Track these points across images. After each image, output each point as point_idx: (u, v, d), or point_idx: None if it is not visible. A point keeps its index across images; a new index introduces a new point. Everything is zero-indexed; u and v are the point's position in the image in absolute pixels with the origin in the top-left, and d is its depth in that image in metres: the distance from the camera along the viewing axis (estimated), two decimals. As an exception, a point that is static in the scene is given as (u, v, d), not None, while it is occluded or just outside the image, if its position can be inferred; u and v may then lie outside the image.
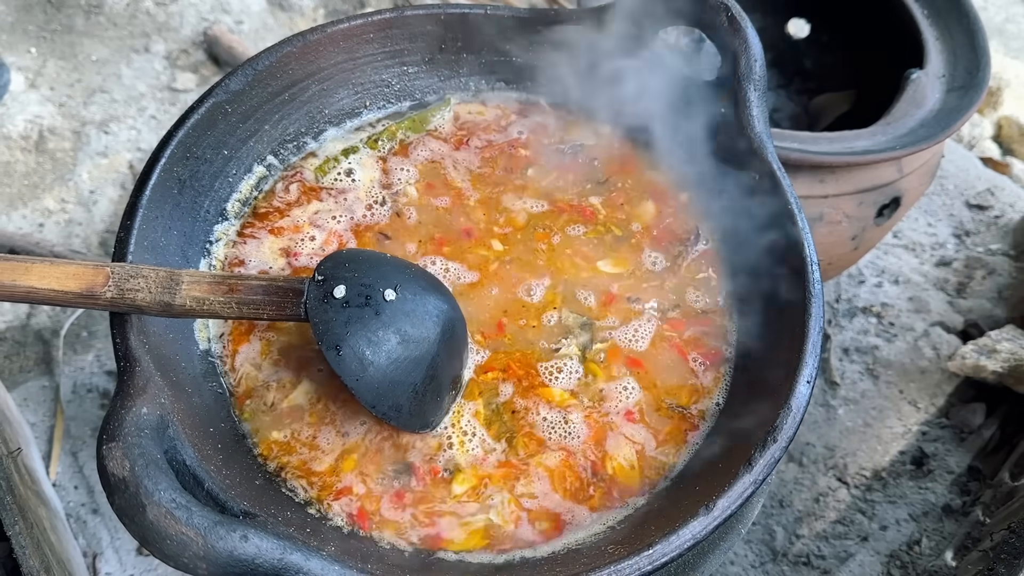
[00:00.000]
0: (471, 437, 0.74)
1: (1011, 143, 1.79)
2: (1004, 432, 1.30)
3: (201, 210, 0.82)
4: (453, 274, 0.83)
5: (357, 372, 0.68)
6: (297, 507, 0.70)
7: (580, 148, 0.93)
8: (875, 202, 1.19)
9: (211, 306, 0.68)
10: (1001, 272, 1.50)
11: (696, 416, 0.77)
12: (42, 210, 1.52)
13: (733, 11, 0.82)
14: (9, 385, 1.27)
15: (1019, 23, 2.30)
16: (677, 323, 0.82)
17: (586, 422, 0.76)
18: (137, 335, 0.67)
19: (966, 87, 1.21)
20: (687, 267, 0.85)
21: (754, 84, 0.82)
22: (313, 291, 0.69)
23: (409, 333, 0.70)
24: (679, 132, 0.89)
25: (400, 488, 0.72)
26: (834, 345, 1.42)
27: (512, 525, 0.70)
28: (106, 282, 0.66)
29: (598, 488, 0.73)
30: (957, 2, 1.29)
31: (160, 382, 0.64)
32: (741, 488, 0.65)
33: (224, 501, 0.62)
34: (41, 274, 0.66)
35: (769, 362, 0.75)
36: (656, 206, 0.90)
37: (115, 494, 0.55)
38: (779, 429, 0.67)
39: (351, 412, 0.75)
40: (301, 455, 0.73)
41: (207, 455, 0.65)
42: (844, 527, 1.23)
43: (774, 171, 0.80)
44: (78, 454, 1.22)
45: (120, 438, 0.57)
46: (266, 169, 0.88)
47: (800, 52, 1.62)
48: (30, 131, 1.63)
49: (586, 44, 0.91)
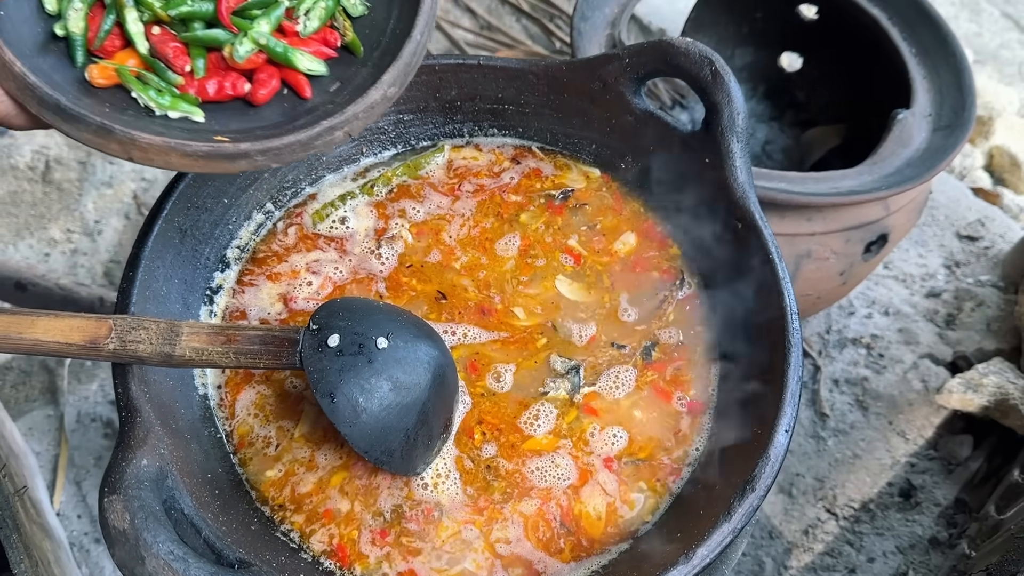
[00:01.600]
0: (445, 479, 0.77)
1: (1002, 173, 1.81)
2: (991, 464, 1.32)
3: (202, 257, 0.84)
4: (451, 333, 0.85)
5: (351, 419, 0.70)
6: (291, 552, 0.72)
7: (570, 193, 0.95)
8: (862, 239, 1.22)
9: (210, 356, 0.71)
10: (990, 304, 1.52)
11: (673, 464, 0.79)
12: (48, 240, 1.56)
13: (717, 65, 0.84)
14: (15, 414, 1.30)
15: (1013, 49, 2.32)
16: (659, 366, 0.84)
17: (575, 463, 0.78)
18: (138, 385, 0.70)
19: (952, 126, 1.23)
20: (671, 312, 0.88)
21: (737, 136, 0.84)
22: (308, 340, 0.72)
23: (401, 380, 0.73)
24: (664, 180, 0.92)
25: (384, 528, 0.75)
26: (824, 376, 1.45)
27: (486, 573, 0.73)
28: (109, 334, 0.69)
29: (568, 541, 0.75)
30: (945, 42, 1.32)
31: (160, 431, 0.67)
32: (720, 537, 0.67)
33: (220, 549, 0.64)
34: (46, 327, 0.69)
35: (749, 409, 0.78)
36: (642, 251, 0.92)
37: (115, 546, 0.58)
38: (757, 478, 0.69)
39: (342, 451, 0.78)
40: (296, 499, 0.76)
41: (204, 502, 0.68)
42: (832, 559, 1.25)
43: (756, 221, 0.82)
44: (82, 483, 1.25)
45: (121, 491, 0.60)
46: (264, 216, 0.90)
47: (792, 85, 1.65)
48: (37, 162, 1.66)
49: (577, 92, 0.93)
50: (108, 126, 0.60)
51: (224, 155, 0.62)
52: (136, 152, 0.61)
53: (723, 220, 0.85)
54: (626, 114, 0.92)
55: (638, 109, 0.91)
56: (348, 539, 0.74)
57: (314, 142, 0.65)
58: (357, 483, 0.77)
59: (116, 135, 0.60)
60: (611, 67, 0.90)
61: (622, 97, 0.91)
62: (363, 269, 0.88)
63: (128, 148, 0.60)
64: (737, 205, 0.83)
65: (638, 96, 0.91)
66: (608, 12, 1.33)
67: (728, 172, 0.84)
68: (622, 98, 0.91)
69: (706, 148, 0.86)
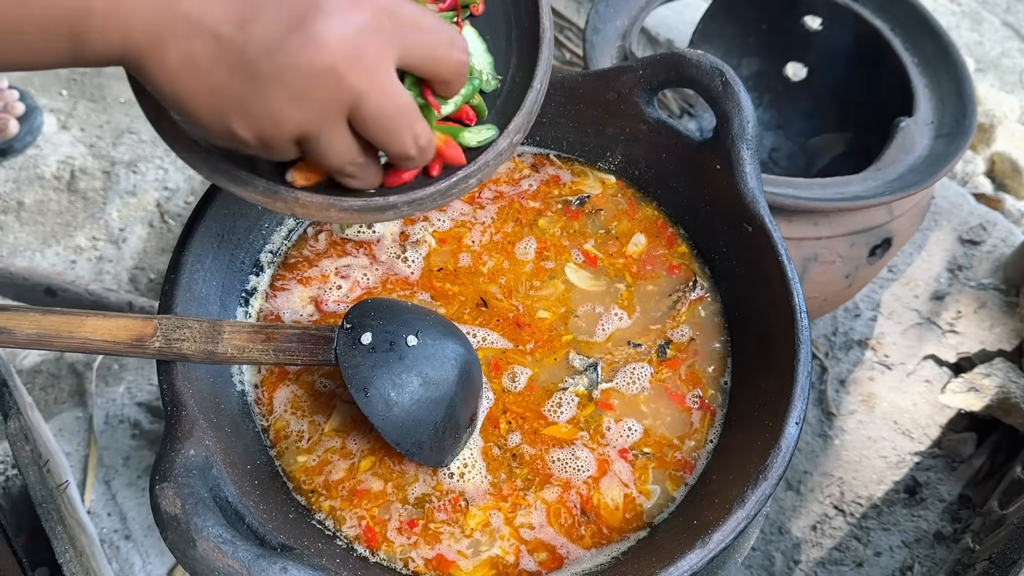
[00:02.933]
0: (471, 468, 0.81)
1: (1003, 179, 1.85)
2: (994, 461, 1.35)
3: (237, 261, 0.89)
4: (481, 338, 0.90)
5: (383, 412, 0.74)
6: (327, 539, 0.76)
7: (586, 199, 0.99)
8: (867, 243, 1.26)
9: (251, 353, 0.75)
10: (992, 306, 1.56)
11: (687, 456, 0.83)
12: (74, 247, 1.60)
13: (727, 75, 0.88)
14: (45, 416, 1.34)
15: (1014, 58, 2.36)
16: (674, 363, 0.88)
17: (593, 455, 0.82)
18: (183, 381, 0.73)
19: (953, 133, 1.27)
20: (684, 311, 0.92)
21: (747, 143, 0.88)
22: (342, 338, 0.76)
23: (430, 375, 0.77)
24: (677, 185, 0.96)
25: (413, 518, 0.78)
26: (831, 377, 1.48)
27: (512, 556, 0.77)
28: (154, 333, 0.73)
29: (588, 528, 0.79)
30: (946, 51, 1.36)
31: (204, 425, 0.71)
32: (734, 523, 0.71)
33: (263, 535, 0.68)
34: (95, 326, 0.73)
35: (761, 403, 0.81)
36: (655, 253, 0.96)
37: (168, 530, 0.62)
38: (770, 468, 0.73)
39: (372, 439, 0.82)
40: (329, 486, 0.80)
41: (246, 491, 0.71)
42: (840, 553, 1.29)
43: (766, 224, 0.86)
44: (111, 482, 1.29)
45: (171, 479, 0.64)
46: (295, 221, 0.95)
47: (798, 94, 1.69)
48: (62, 171, 1.71)
49: (592, 103, 0.98)
50: (274, 188, 0.65)
51: (375, 208, 0.67)
52: (299, 209, 0.66)
53: (734, 223, 0.89)
54: (640, 123, 0.96)
55: (651, 118, 0.96)
56: (377, 522, 0.78)
57: (451, 191, 0.69)
58: (389, 463, 0.81)
59: (282, 196, 0.65)
60: (625, 78, 0.94)
61: (636, 107, 0.95)
62: (392, 273, 0.92)
63: (292, 206, 0.65)
64: (747, 209, 0.87)
65: (651, 106, 0.95)
66: (619, 24, 1.38)
67: (739, 178, 0.88)
68: (636, 108, 0.95)
69: (717, 155, 0.89)
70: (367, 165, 0.63)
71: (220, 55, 0.52)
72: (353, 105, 0.55)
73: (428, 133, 0.61)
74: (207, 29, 0.52)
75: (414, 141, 0.60)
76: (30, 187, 1.69)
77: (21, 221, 1.64)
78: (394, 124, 0.57)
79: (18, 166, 1.72)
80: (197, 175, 1.70)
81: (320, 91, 0.54)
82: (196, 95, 0.54)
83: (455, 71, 0.61)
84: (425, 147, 0.61)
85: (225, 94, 0.54)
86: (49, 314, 0.71)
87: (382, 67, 0.55)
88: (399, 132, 0.58)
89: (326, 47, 0.52)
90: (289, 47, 0.52)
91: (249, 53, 0.52)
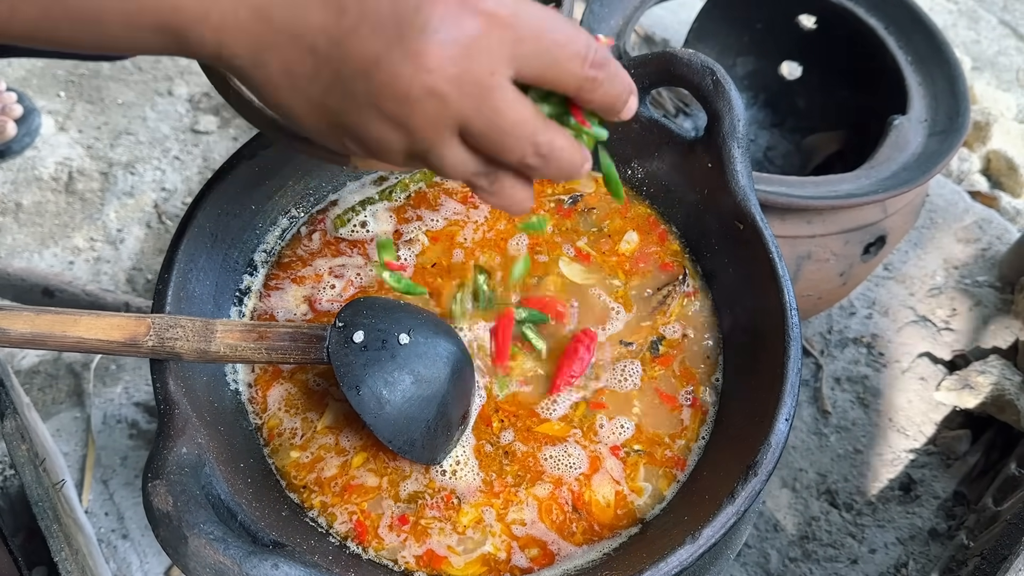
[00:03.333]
0: (463, 466, 0.81)
1: (999, 177, 1.85)
2: (988, 458, 1.36)
3: (231, 261, 0.89)
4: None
5: (375, 410, 0.75)
6: (319, 536, 0.77)
7: (579, 198, 1.00)
8: (861, 241, 1.26)
9: (243, 352, 0.76)
10: (987, 304, 1.56)
11: (678, 454, 0.84)
12: (72, 248, 1.61)
13: (718, 75, 0.89)
14: (43, 416, 1.34)
15: (1011, 56, 2.36)
16: (665, 360, 0.89)
17: (585, 453, 0.83)
18: (175, 380, 0.74)
19: (947, 131, 1.28)
20: (675, 308, 0.92)
21: (737, 141, 0.89)
22: (335, 337, 0.76)
23: (422, 373, 0.77)
24: (669, 183, 0.97)
25: (404, 514, 0.79)
26: (826, 375, 1.49)
27: (504, 553, 0.77)
28: (147, 332, 0.73)
29: (579, 525, 0.79)
30: (939, 50, 1.37)
31: (197, 423, 0.71)
32: (724, 518, 0.71)
33: (255, 532, 0.69)
34: (88, 326, 0.73)
35: (752, 401, 0.82)
36: (646, 250, 0.96)
37: (159, 527, 0.62)
38: (759, 463, 0.73)
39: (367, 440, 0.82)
40: (321, 482, 0.80)
41: (239, 489, 0.72)
42: (835, 550, 1.29)
43: (756, 221, 0.87)
44: (108, 482, 1.29)
45: (163, 476, 0.64)
46: (289, 221, 0.95)
47: (793, 92, 1.69)
48: (60, 172, 1.72)
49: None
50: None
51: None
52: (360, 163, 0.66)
53: (725, 221, 0.90)
54: (632, 122, 0.96)
55: (643, 117, 0.96)
56: (368, 516, 0.79)
57: None
58: (382, 460, 0.81)
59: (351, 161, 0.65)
60: (618, 77, 0.95)
61: (628, 106, 0.96)
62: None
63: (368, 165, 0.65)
64: (738, 206, 0.87)
65: (643, 105, 0.96)
66: (613, 24, 1.38)
67: (729, 175, 0.88)
68: (628, 107, 0.96)
69: (709, 153, 0.90)
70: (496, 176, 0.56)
71: (317, 71, 0.49)
72: (462, 126, 0.51)
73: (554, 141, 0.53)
74: (303, 42, 0.49)
75: (534, 151, 0.53)
76: (28, 188, 1.70)
77: (19, 222, 1.65)
78: (505, 139, 0.52)
79: (16, 168, 1.72)
80: (195, 176, 1.70)
81: (421, 116, 0.49)
82: (298, 107, 0.52)
83: (581, 84, 0.53)
84: (548, 155, 0.53)
85: (327, 110, 0.51)
86: (43, 314, 0.72)
87: (493, 83, 0.49)
88: (513, 146, 0.52)
89: (427, 67, 0.47)
90: (386, 67, 0.47)
91: (345, 72, 0.49)
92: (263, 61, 0.50)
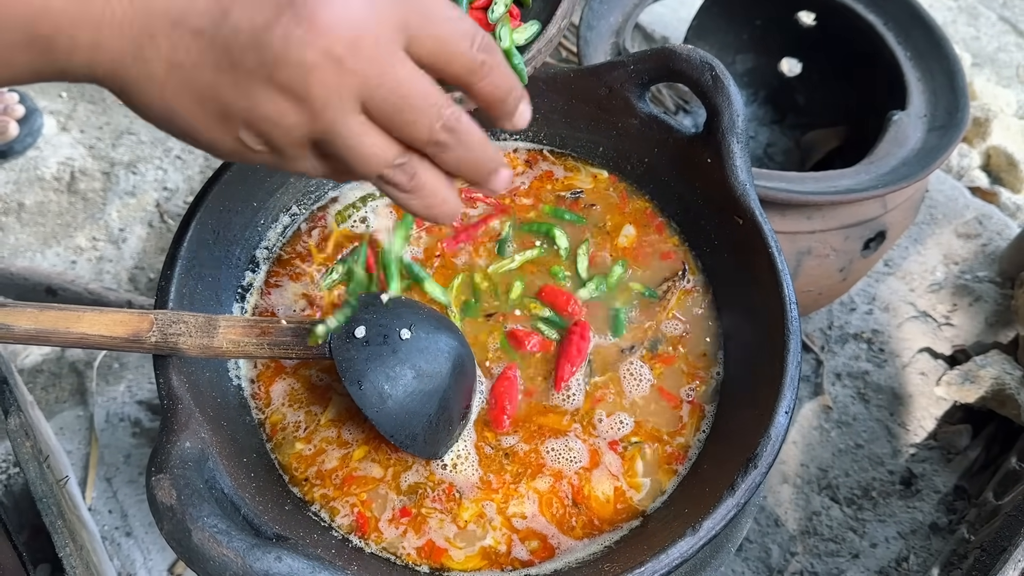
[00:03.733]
0: (464, 460, 0.82)
1: (999, 172, 1.86)
2: (989, 453, 1.36)
3: (232, 258, 0.90)
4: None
5: (377, 404, 0.75)
6: (323, 530, 0.77)
7: (580, 194, 1.00)
8: (861, 236, 1.26)
9: (246, 347, 0.76)
10: (987, 299, 1.56)
11: (679, 448, 0.84)
12: (74, 248, 1.61)
13: (717, 70, 0.89)
14: (46, 414, 1.35)
15: (1010, 52, 2.37)
16: (666, 357, 0.89)
17: (586, 447, 0.83)
18: (178, 375, 0.74)
19: (946, 126, 1.28)
20: (674, 303, 0.92)
21: (736, 137, 0.89)
22: (336, 332, 0.77)
23: (423, 368, 0.78)
24: (669, 179, 0.97)
25: (405, 507, 0.79)
26: (826, 370, 1.49)
27: (504, 546, 0.78)
28: (150, 328, 0.74)
29: (579, 519, 0.79)
30: (938, 45, 1.37)
31: (200, 418, 0.72)
32: (724, 511, 0.71)
33: (259, 525, 0.69)
34: (91, 322, 0.73)
35: (752, 394, 0.82)
36: (645, 244, 0.97)
37: (164, 520, 0.63)
38: (759, 456, 0.74)
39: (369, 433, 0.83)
40: (323, 474, 0.80)
41: (242, 483, 0.72)
42: (836, 545, 1.30)
43: (756, 217, 0.87)
44: (112, 480, 1.30)
45: (167, 470, 0.65)
46: (290, 218, 0.96)
47: (793, 89, 1.69)
48: (62, 172, 1.72)
49: (584, 98, 0.98)
50: None
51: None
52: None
53: (725, 216, 0.90)
54: (631, 118, 0.97)
55: (643, 113, 0.96)
56: (368, 507, 0.79)
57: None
58: (383, 452, 0.82)
59: None
60: (616, 73, 0.95)
61: (627, 102, 0.96)
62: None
63: None
64: (737, 202, 0.88)
65: (643, 101, 0.96)
66: (613, 21, 1.38)
67: (729, 171, 0.88)
68: (627, 103, 0.96)
69: (708, 149, 0.90)
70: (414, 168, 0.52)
71: (203, 53, 0.46)
72: (363, 95, 0.47)
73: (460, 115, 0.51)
74: (188, 25, 0.45)
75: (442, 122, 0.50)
76: (30, 188, 1.70)
77: (22, 222, 1.66)
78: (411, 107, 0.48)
79: (18, 168, 1.73)
80: (196, 175, 1.71)
81: (319, 84, 0.46)
82: (187, 106, 0.48)
83: (470, 66, 0.51)
84: (457, 127, 0.50)
85: (217, 98, 0.47)
86: (47, 310, 0.72)
87: (391, 50, 0.47)
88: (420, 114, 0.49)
89: (321, 30, 0.45)
90: (276, 34, 0.44)
91: (234, 46, 0.45)
92: (145, 56, 0.46)
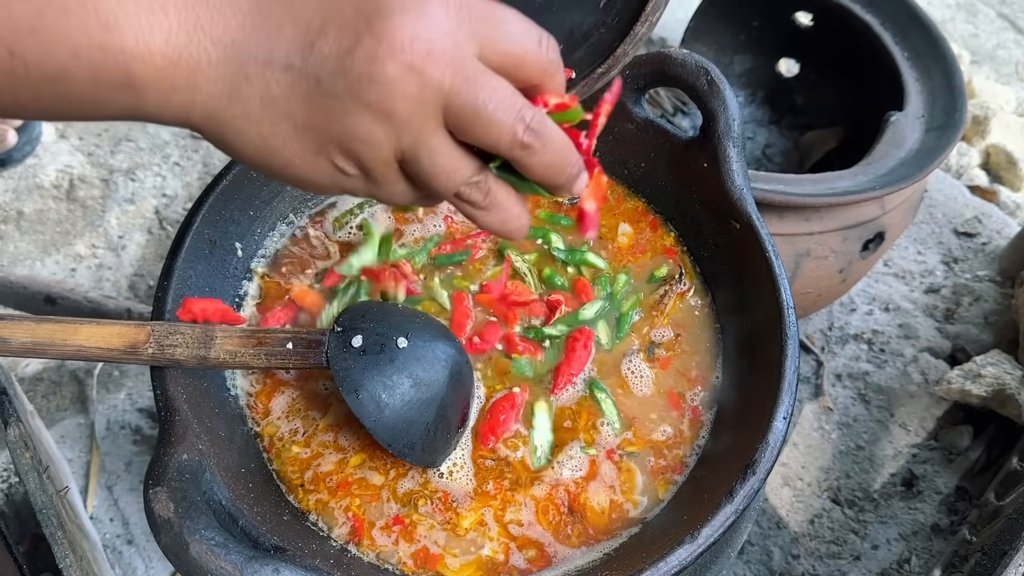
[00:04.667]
0: (460, 468, 0.82)
1: (998, 170, 1.85)
2: (990, 453, 1.36)
3: (230, 267, 0.90)
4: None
5: (374, 414, 0.75)
6: (321, 539, 0.77)
7: (576, 200, 1.00)
8: (859, 237, 1.26)
9: (243, 358, 0.76)
10: (987, 298, 1.56)
11: (677, 455, 0.84)
12: (74, 255, 1.62)
13: (712, 74, 0.89)
14: (47, 423, 1.35)
15: (1009, 49, 2.36)
16: (663, 362, 0.89)
17: (585, 456, 0.83)
18: (175, 387, 0.74)
19: (944, 127, 1.28)
20: (671, 307, 0.92)
21: (733, 141, 0.89)
22: (333, 341, 0.77)
23: (420, 377, 0.78)
24: (665, 183, 0.97)
25: (399, 515, 0.79)
26: (827, 371, 1.49)
27: (502, 554, 0.78)
28: (147, 339, 0.74)
29: (575, 528, 0.79)
30: (935, 45, 1.37)
31: (197, 429, 0.72)
32: (723, 517, 0.71)
33: (256, 537, 0.69)
34: (88, 334, 0.73)
35: (750, 399, 0.82)
36: (642, 249, 0.97)
37: (161, 533, 0.63)
38: (758, 462, 0.74)
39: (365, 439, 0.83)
40: (318, 482, 0.80)
41: (240, 494, 0.72)
42: (838, 547, 1.30)
43: (752, 220, 0.87)
44: (113, 488, 1.30)
45: (164, 483, 0.65)
46: (288, 226, 0.95)
47: (791, 90, 1.69)
48: (61, 180, 1.72)
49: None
50: None
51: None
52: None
53: (722, 220, 0.90)
54: (627, 122, 0.97)
55: (639, 117, 0.96)
56: (362, 510, 0.79)
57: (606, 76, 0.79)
58: (379, 458, 0.82)
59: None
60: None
61: (623, 107, 0.96)
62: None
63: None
64: (735, 206, 0.88)
65: (639, 105, 0.96)
66: (609, 24, 1.38)
67: (725, 175, 0.88)
68: (623, 107, 0.96)
69: (704, 153, 0.90)
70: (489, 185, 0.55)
71: (295, 86, 0.48)
72: (445, 103, 0.49)
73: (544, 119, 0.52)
74: (277, 62, 0.48)
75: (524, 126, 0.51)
76: (29, 196, 1.71)
77: (21, 230, 1.66)
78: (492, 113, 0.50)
79: (17, 176, 1.73)
80: (195, 182, 1.71)
81: (403, 98, 0.48)
82: (284, 139, 0.50)
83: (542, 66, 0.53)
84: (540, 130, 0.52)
85: (312, 127, 0.49)
86: (44, 322, 0.72)
87: (466, 55, 0.49)
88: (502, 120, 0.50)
89: (399, 46, 0.47)
90: (359, 57, 0.47)
91: (323, 75, 0.48)
92: (242, 96, 0.49)
